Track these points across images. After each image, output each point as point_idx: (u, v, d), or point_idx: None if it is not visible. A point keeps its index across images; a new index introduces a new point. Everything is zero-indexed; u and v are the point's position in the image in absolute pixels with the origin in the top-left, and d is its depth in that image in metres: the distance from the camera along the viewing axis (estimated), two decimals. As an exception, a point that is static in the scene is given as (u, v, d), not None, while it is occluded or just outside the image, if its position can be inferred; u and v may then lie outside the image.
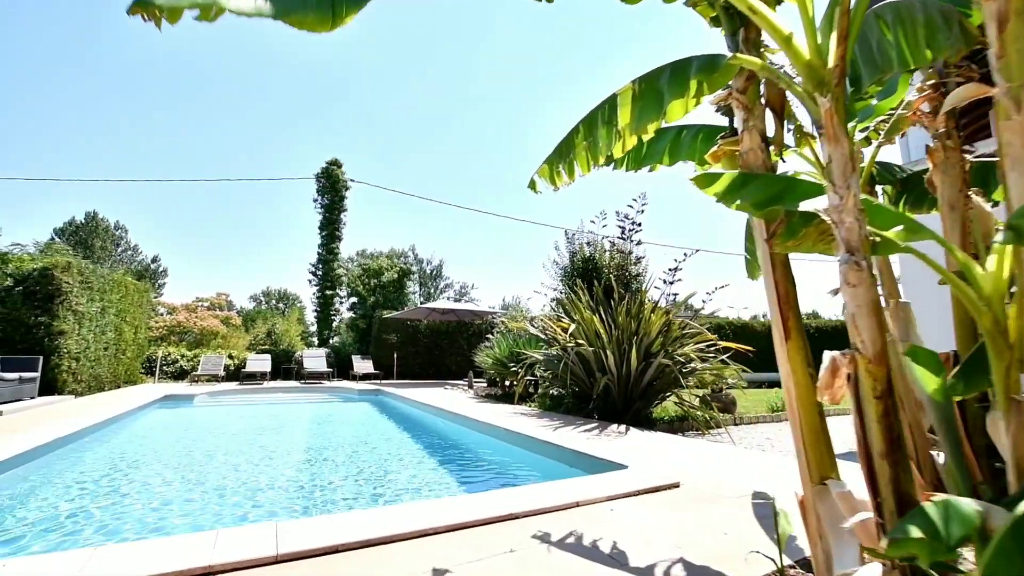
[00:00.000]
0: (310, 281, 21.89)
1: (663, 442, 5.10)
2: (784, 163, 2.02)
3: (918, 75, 2.53)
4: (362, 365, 17.03)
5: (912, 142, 6.74)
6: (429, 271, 48.44)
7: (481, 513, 2.61)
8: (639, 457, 4.15)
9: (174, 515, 3.37)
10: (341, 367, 18.12)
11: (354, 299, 23.92)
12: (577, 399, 7.62)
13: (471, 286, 49.51)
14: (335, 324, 22.30)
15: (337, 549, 2.19)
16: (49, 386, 8.84)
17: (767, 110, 1.91)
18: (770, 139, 1.90)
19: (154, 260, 47.00)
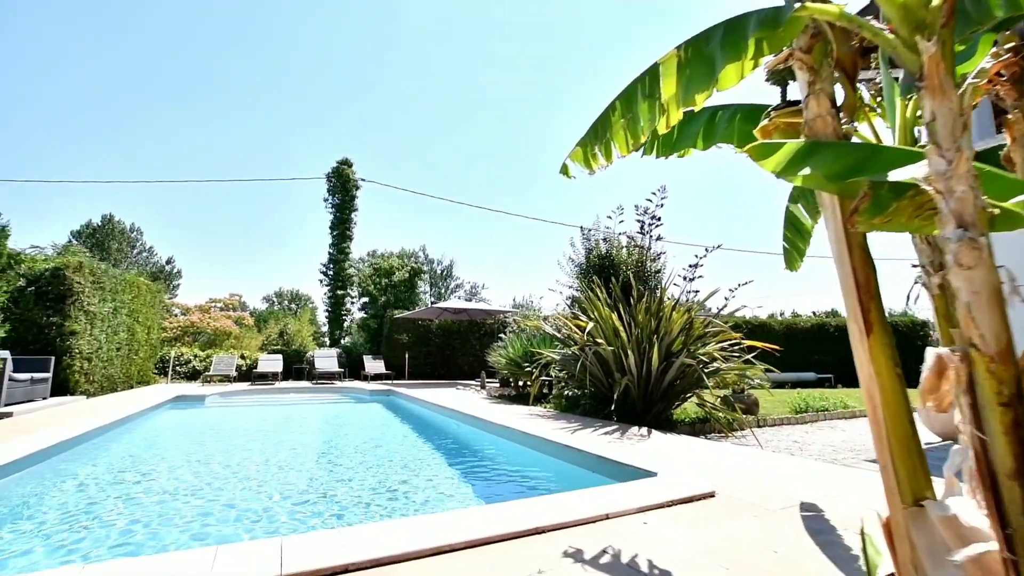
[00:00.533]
0: (321, 281, 21.89)
1: (688, 446, 4.84)
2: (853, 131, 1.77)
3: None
4: (373, 365, 16.92)
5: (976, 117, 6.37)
6: (440, 271, 48.40)
7: (503, 527, 2.39)
8: (666, 462, 3.90)
9: (175, 524, 3.19)
10: (352, 367, 18.03)
11: (365, 299, 23.86)
12: (594, 400, 7.37)
13: (482, 286, 49.40)
14: (346, 324, 22.26)
15: (347, 568, 1.98)
16: (61, 387, 8.80)
17: (835, 72, 1.67)
18: (840, 105, 1.66)
19: (168, 262, 47.51)
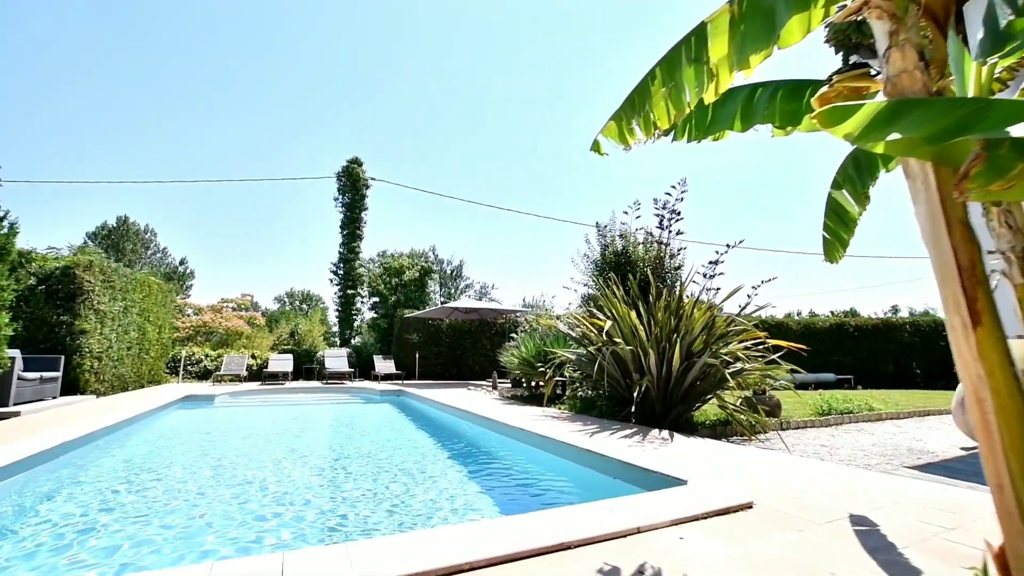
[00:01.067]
0: (331, 280, 21.85)
1: (714, 450, 4.59)
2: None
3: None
4: (384, 365, 16.80)
5: None
6: (449, 271, 48.31)
7: (526, 542, 2.17)
8: (694, 468, 3.66)
9: (174, 532, 3.01)
10: (363, 367, 17.93)
11: (375, 299, 23.78)
12: (610, 401, 7.12)
13: (492, 286, 49.23)
14: (357, 324, 22.20)
15: (355, 590, 1.78)
16: (72, 386, 8.74)
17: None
18: (928, 58, 1.42)
19: (182, 262, 47.94)
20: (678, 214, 6.84)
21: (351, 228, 21.45)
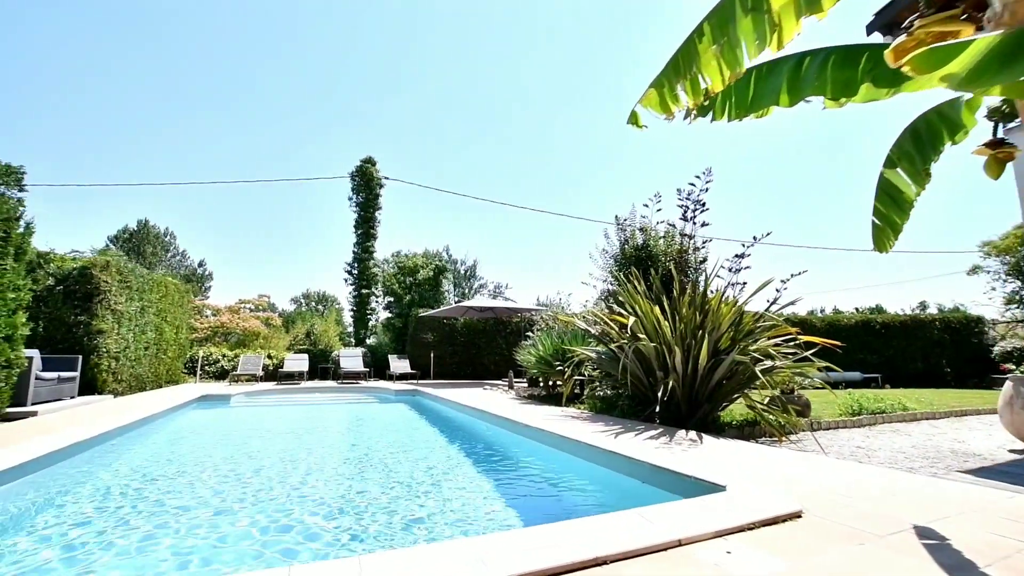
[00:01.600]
0: (346, 280, 21.87)
1: (745, 452, 4.32)
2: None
3: None
4: (399, 365, 16.71)
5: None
6: (463, 271, 48.26)
7: (556, 556, 1.96)
8: (730, 472, 3.41)
9: (178, 539, 2.86)
10: (378, 367, 17.88)
11: (390, 298, 23.76)
12: (632, 401, 6.87)
13: (506, 285, 49.01)
14: (371, 324, 22.19)
15: (368, 612, 1.59)
16: (89, 385, 8.76)
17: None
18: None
19: (200, 264, 48.65)
20: (703, 205, 6.54)
21: (365, 228, 21.45)
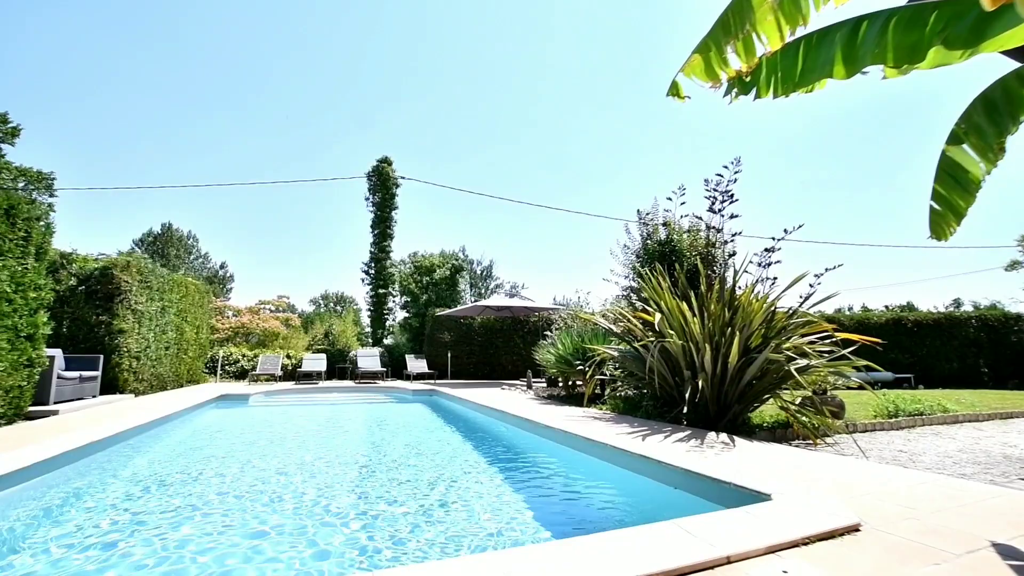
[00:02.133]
0: (363, 280, 21.96)
1: (782, 456, 4.05)
2: None
3: None
4: (416, 364, 16.65)
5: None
6: (479, 272, 48.22)
7: (591, 574, 1.75)
8: (768, 477, 3.15)
9: (188, 546, 2.73)
10: (395, 367, 17.86)
11: (407, 298, 23.77)
12: (656, 401, 6.61)
13: (522, 285, 48.81)
14: (389, 324, 22.22)
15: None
16: (111, 385, 8.82)
17: None
18: None
19: (222, 266, 49.52)
20: (731, 196, 6.24)
21: (382, 227, 21.50)
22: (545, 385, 12.53)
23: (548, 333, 11.33)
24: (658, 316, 5.74)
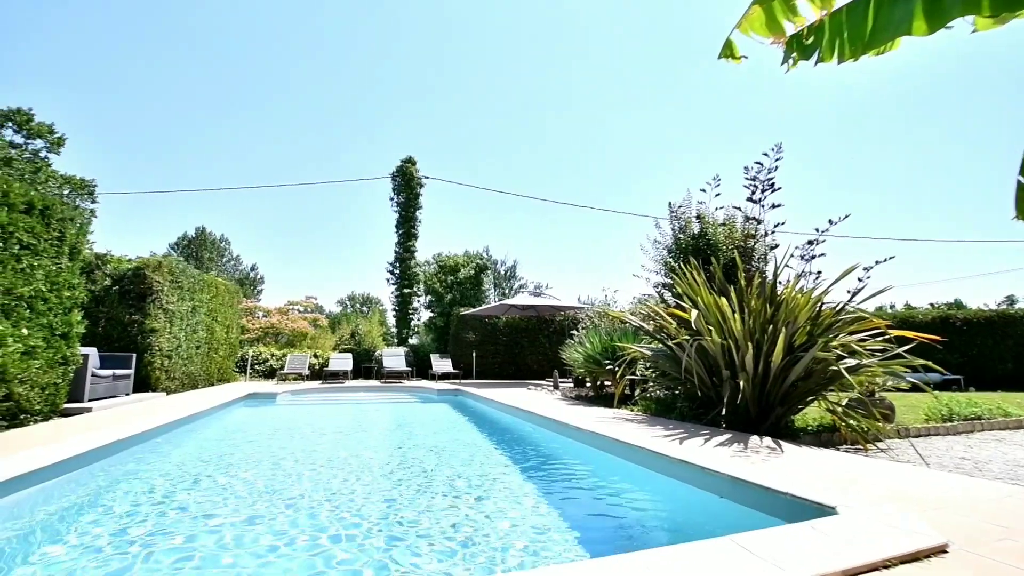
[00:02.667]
0: (388, 280, 22.08)
1: (835, 463, 3.72)
2: None
3: None
4: (441, 364, 16.58)
5: None
6: (503, 272, 48.12)
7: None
8: (828, 487, 2.85)
9: (203, 551, 2.61)
10: (420, 366, 17.84)
11: (431, 297, 23.80)
12: (692, 402, 6.29)
13: (546, 285, 48.49)
14: (414, 323, 22.28)
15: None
16: (143, 383, 8.97)
17: None
18: None
19: (253, 268, 50.75)
20: (772, 185, 5.85)
21: (406, 227, 21.57)
22: (572, 385, 12.26)
23: (575, 332, 11.07)
24: (694, 313, 5.43)
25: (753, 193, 5.93)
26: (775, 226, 6.07)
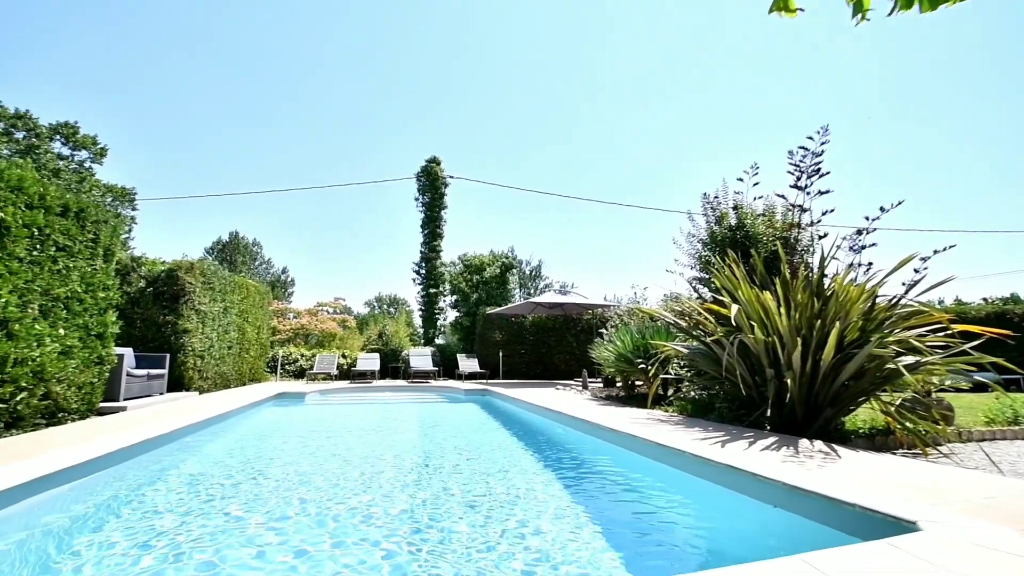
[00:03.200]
0: (414, 280, 22.17)
1: (898, 469, 3.38)
2: None
3: None
4: (467, 364, 16.49)
5: None
6: (529, 272, 47.90)
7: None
8: (903, 497, 2.54)
9: (224, 552, 2.50)
10: (447, 366, 17.80)
11: (457, 297, 23.79)
12: (732, 403, 5.96)
13: (571, 284, 48.02)
14: (440, 323, 22.30)
15: None
16: (177, 382, 9.13)
17: None
18: None
19: (284, 271, 51.95)
20: (819, 170, 5.44)
21: (431, 227, 21.61)
22: (601, 385, 11.96)
23: (603, 331, 10.78)
24: (734, 308, 5.11)
25: (798, 179, 5.55)
26: (823, 213, 5.67)
